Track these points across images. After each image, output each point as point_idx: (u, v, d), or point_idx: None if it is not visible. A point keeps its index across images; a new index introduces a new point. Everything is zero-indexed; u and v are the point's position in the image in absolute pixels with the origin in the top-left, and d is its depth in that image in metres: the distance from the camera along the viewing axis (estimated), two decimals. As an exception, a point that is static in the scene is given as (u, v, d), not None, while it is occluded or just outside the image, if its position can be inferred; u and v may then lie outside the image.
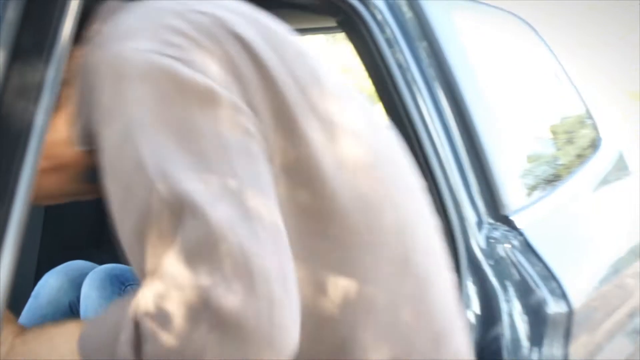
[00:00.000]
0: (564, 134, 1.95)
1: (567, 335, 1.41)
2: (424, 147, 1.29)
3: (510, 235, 1.39)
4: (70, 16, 0.72)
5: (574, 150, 1.92)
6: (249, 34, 0.78)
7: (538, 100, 1.82)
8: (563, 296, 1.41)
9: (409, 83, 1.30)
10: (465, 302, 1.26)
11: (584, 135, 1.97)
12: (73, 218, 2.88)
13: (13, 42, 0.69)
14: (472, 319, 1.27)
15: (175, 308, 0.63)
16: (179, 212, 0.65)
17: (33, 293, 2.06)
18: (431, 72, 1.35)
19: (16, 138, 0.68)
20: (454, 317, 0.88)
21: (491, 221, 1.38)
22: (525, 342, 1.31)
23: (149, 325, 0.64)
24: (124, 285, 1.96)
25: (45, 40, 0.70)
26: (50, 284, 2.00)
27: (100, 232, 2.99)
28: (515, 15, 1.73)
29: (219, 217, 0.65)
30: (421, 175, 1.29)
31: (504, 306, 1.30)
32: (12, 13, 0.69)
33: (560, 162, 1.87)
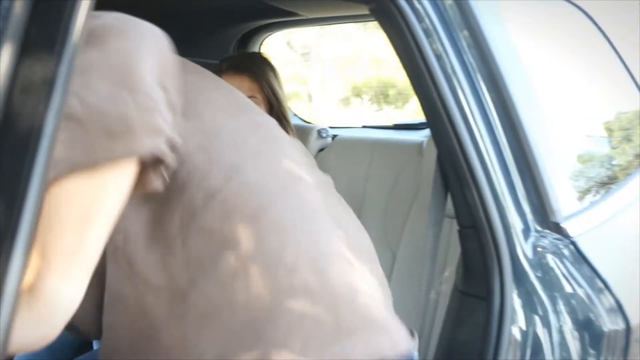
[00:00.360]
0: (620, 131, 1.93)
1: (625, 355, 1.40)
2: (465, 146, 1.30)
3: (560, 243, 1.39)
4: (84, 8, 0.73)
5: (631, 149, 1.90)
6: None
7: (591, 94, 1.80)
8: (619, 311, 1.39)
9: (448, 76, 1.30)
10: (511, 316, 1.26)
11: (644, 133, 1.95)
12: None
13: (22, 35, 0.71)
14: (518, 336, 1.27)
15: None
16: None
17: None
18: (473, 63, 1.34)
19: (26, 138, 0.70)
20: None
21: (539, 228, 1.37)
22: (577, 362, 1.31)
23: None
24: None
25: (57, 34, 0.72)
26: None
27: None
28: (568, 0, 1.72)
29: None
30: (462, 177, 1.30)
31: (553, 322, 1.30)
32: (20, 4, 0.71)
33: (616, 162, 1.85)
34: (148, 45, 0.93)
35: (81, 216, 0.87)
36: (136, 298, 1.02)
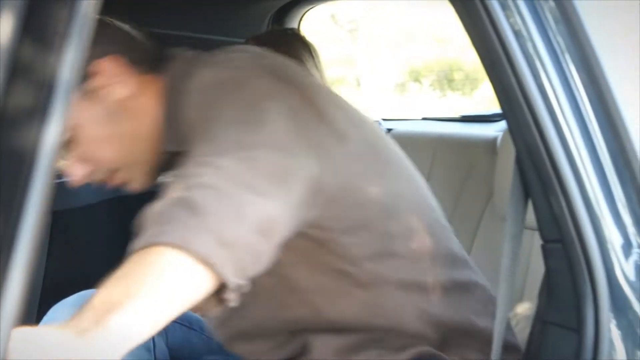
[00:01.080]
0: None
1: None
2: (550, 143, 1.29)
3: (671, 263, 1.36)
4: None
5: None
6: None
7: None
8: None
9: (530, 57, 1.29)
10: (608, 352, 1.24)
11: None
12: (88, 235, 2.95)
13: (20, 28, 0.72)
14: (618, 377, 1.26)
15: None
16: None
17: (37, 331, 2.10)
18: (560, 41, 1.32)
19: (24, 142, 0.72)
20: None
21: (643, 244, 1.35)
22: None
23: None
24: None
25: (58, 26, 0.73)
26: (59, 321, 2.04)
27: (123, 254, 3.05)
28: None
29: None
30: (546, 181, 1.29)
31: (663, 360, 1.28)
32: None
33: None
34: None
35: (157, 282, 1.08)
36: None
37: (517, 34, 1.29)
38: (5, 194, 0.71)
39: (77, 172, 1.55)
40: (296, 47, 2.45)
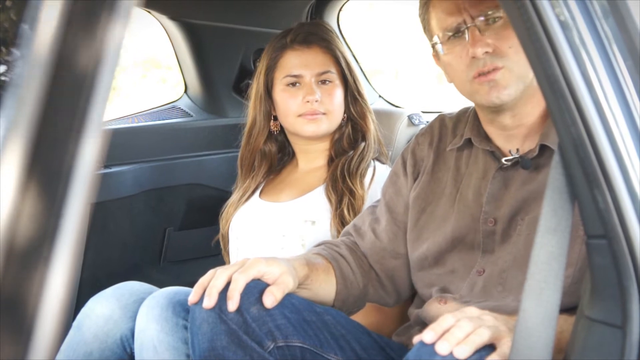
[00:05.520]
0: None
1: None
2: (595, 136, 1.27)
3: None
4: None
5: None
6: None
7: None
8: None
9: (576, 48, 1.27)
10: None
11: None
12: (125, 227, 2.97)
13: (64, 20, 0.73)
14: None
15: None
16: None
17: (75, 323, 2.13)
18: (608, 33, 1.30)
19: (68, 125, 0.72)
20: None
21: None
22: None
23: None
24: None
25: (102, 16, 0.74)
26: (97, 313, 2.07)
27: (161, 245, 3.07)
28: None
29: None
30: (591, 174, 1.27)
31: None
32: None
33: None
34: None
35: None
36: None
37: (563, 24, 1.27)
38: (49, 185, 0.71)
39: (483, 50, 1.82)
40: (331, 36, 2.49)
